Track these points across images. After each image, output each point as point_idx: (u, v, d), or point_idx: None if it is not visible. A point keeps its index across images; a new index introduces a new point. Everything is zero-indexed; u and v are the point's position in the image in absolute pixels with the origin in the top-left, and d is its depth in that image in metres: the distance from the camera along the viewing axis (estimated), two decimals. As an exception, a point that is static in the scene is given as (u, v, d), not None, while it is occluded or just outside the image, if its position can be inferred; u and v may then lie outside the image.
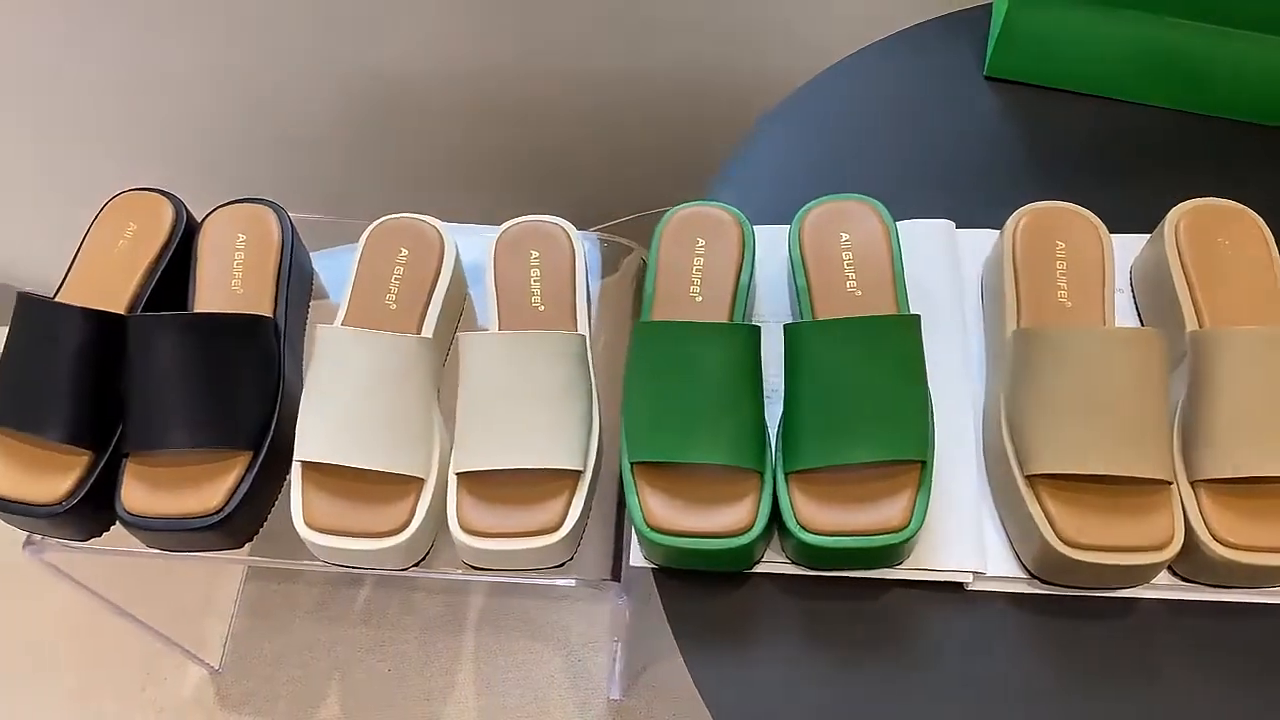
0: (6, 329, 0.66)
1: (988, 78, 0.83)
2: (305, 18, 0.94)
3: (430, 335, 0.70)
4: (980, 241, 0.74)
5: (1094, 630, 0.62)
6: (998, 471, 0.64)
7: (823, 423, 0.61)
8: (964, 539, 0.63)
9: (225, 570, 1.09)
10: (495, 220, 0.79)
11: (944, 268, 0.72)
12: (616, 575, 0.70)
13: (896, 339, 0.62)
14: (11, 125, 1.05)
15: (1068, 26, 0.77)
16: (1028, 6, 0.76)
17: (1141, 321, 0.70)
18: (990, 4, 0.84)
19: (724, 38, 1.00)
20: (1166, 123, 0.79)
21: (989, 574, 0.63)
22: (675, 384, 0.62)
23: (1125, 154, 0.78)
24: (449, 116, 1.06)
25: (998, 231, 0.73)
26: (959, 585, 0.63)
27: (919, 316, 0.62)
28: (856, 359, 0.61)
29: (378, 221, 0.74)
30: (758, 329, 0.63)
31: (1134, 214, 0.72)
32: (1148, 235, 0.71)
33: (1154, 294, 0.68)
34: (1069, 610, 0.62)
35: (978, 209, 0.75)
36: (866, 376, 0.61)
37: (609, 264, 0.84)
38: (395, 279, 0.71)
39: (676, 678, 1.06)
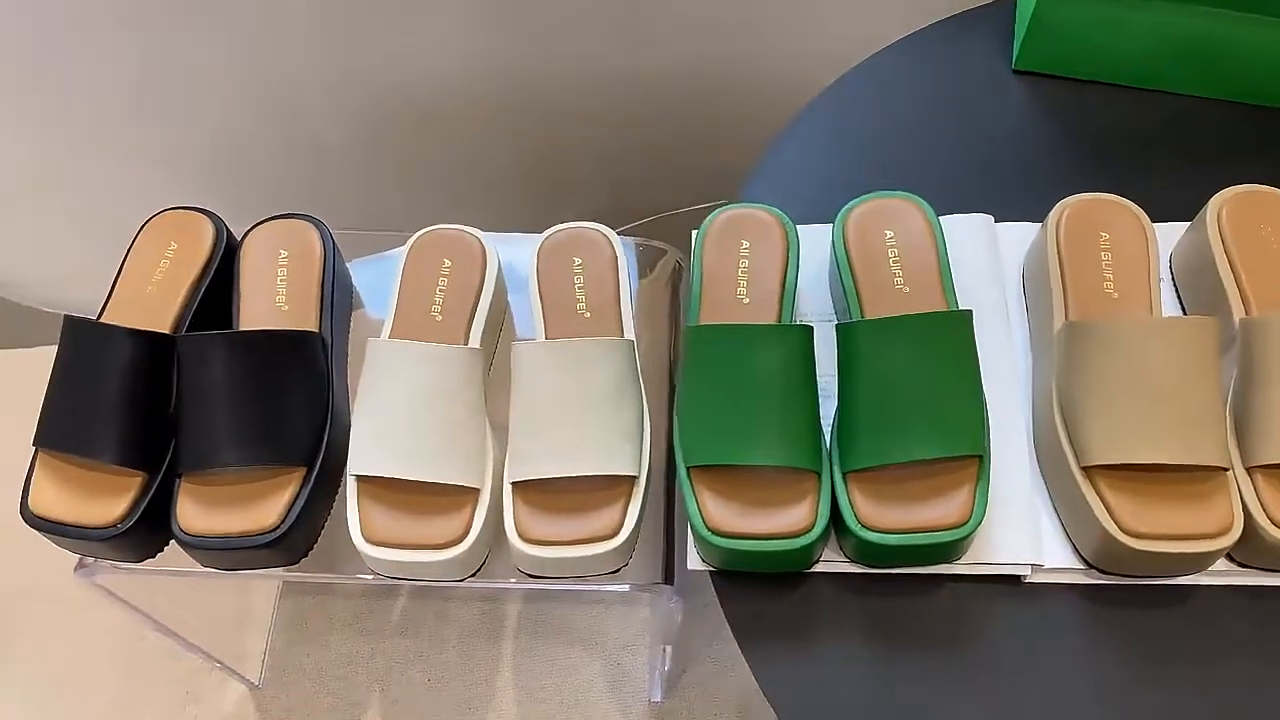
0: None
1: (1016, 71, 0.83)
2: (326, 28, 0.94)
3: (478, 345, 0.70)
4: (1018, 235, 0.74)
5: (1153, 619, 0.62)
6: (1052, 464, 0.64)
7: (880, 421, 0.61)
8: (1020, 532, 0.64)
9: (261, 585, 1.09)
10: (513, 226, 0.79)
11: (984, 262, 0.72)
12: (669, 578, 0.70)
13: (951, 335, 0.62)
14: (35, 144, 1.04)
15: (1097, 18, 0.77)
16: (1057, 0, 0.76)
17: (1184, 309, 0.71)
18: (1011, -2, 0.85)
19: (740, 38, 1.00)
20: (1198, 110, 0.80)
21: (1046, 566, 0.63)
22: (731, 387, 0.62)
23: (1158, 143, 0.79)
24: (461, 124, 1.06)
25: (1036, 224, 0.74)
26: (1016, 578, 0.64)
27: (971, 311, 0.63)
28: (912, 356, 0.61)
29: (420, 233, 0.74)
30: (811, 329, 0.63)
31: (1170, 203, 0.72)
32: (1185, 224, 0.71)
33: (1197, 282, 0.69)
34: (1127, 599, 0.63)
35: (1013, 202, 0.76)
36: (922, 373, 0.61)
37: (642, 267, 0.84)
38: (440, 290, 0.71)
39: (715, 678, 1.06)
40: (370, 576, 0.67)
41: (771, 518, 0.61)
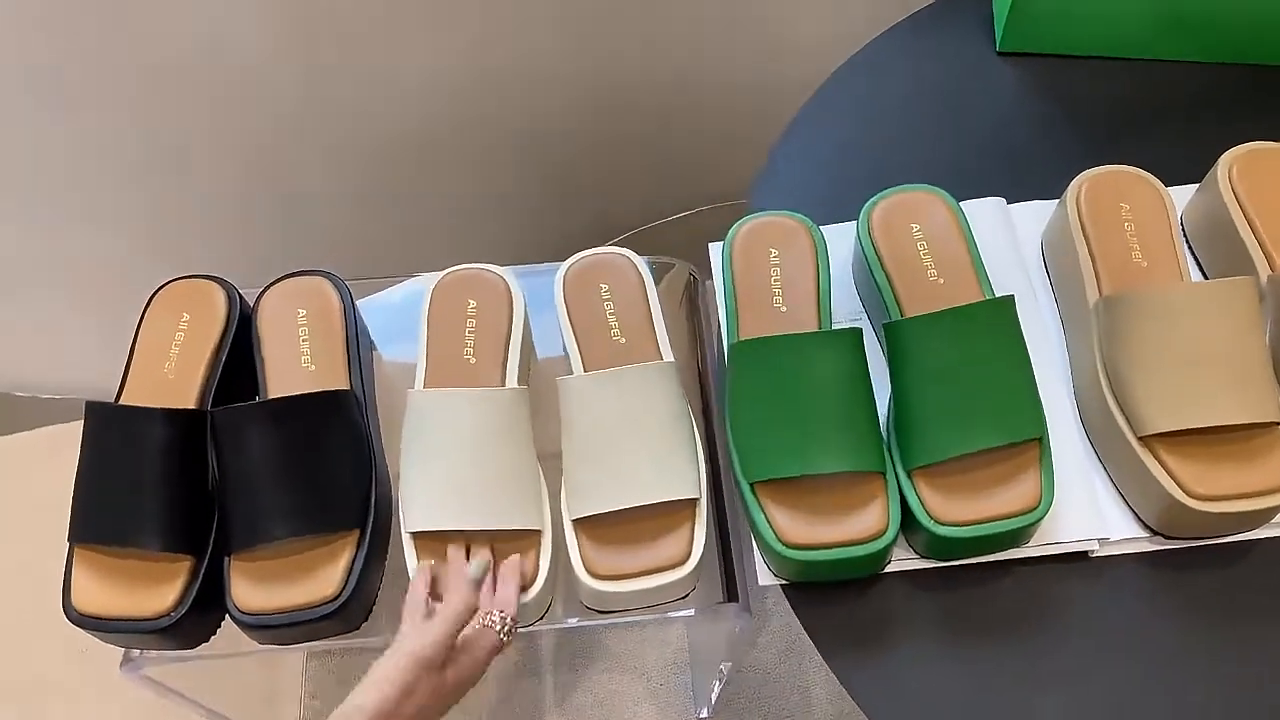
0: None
1: (1000, 53, 0.84)
2: (307, 70, 0.92)
3: (516, 384, 0.68)
4: (1031, 214, 0.75)
5: (1220, 577, 0.63)
6: (1105, 437, 0.65)
7: (941, 415, 0.61)
8: (1081, 508, 0.64)
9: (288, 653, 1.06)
10: (501, 252, 0.78)
11: (1003, 245, 0.72)
12: (733, 595, 0.70)
13: (998, 322, 0.62)
14: (15, 223, 1.00)
15: (1078, -7, 0.78)
16: (1039, -22, 0.78)
17: (1203, 271, 0.72)
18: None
19: (711, 52, 1.00)
20: (1185, 75, 0.81)
21: (1112, 539, 0.64)
22: (786, 397, 0.62)
23: (1148, 112, 0.80)
24: (444, 153, 1.04)
25: (1049, 202, 0.75)
26: (1082, 555, 0.64)
27: (1013, 296, 0.63)
28: (964, 347, 0.61)
29: (440, 276, 0.72)
30: (860, 331, 0.63)
31: (1169, 168, 0.73)
32: (1191, 187, 0.73)
33: (1214, 242, 0.70)
34: (1191, 561, 0.64)
35: (1017, 183, 0.76)
36: (977, 362, 0.61)
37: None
38: (469, 332, 0.70)
39: (754, 689, 1.06)
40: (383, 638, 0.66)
41: (844, 525, 0.61)
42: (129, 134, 0.93)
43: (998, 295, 0.66)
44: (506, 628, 0.59)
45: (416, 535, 0.63)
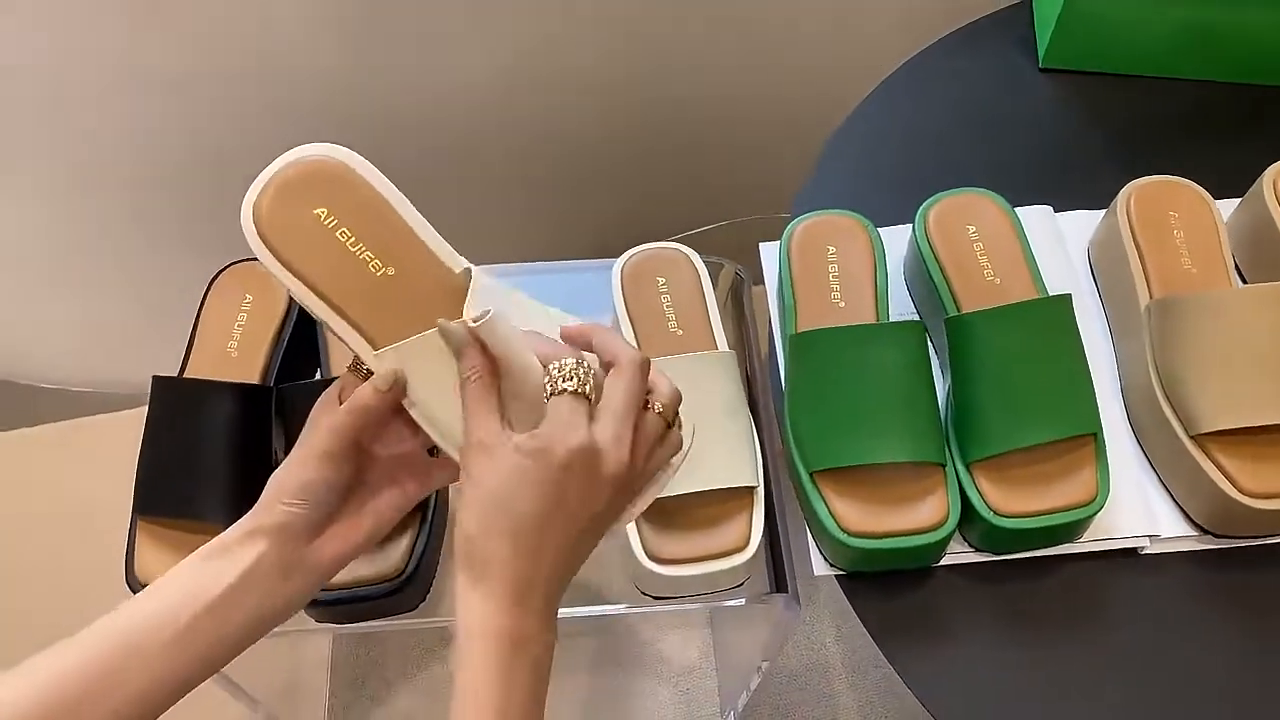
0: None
1: (1042, 69, 0.86)
2: (338, 55, 0.93)
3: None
4: (1076, 223, 0.77)
5: (1272, 575, 0.64)
6: (1157, 436, 0.66)
7: (1000, 408, 0.62)
8: (1132, 506, 0.65)
9: (313, 639, 1.06)
10: (529, 254, 0.79)
11: (1051, 251, 0.74)
12: (781, 586, 0.70)
13: (1057, 319, 0.64)
14: (43, 216, 1.01)
15: (1123, 13, 0.80)
16: (1085, -1, 0.80)
17: (1243, 277, 0.74)
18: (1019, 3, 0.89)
19: (751, 67, 1.02)
20: (1226, 95, 0.83)
21: (1163, 536, 0.65)
22: (848, 388, 0.63)
23: (1190, 128, 0.82)
24: (475, 155, 1.05)
25: (1095, 212, 0.77)
26: (1132, 551, 0.65)
27: (1070, 295, 0.65)
28: (1024, 343, 0.63)
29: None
30: (924, 324, 0.64)
31: (1210, 183, 0.75)
32: (1233, 200, 0.75)
33: (1259, 253, 0.72)
34: (1241, 560, 0.65)
35: (1061, 194, 0.78)
36: (1036, 358, 0.63)
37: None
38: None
39: (779, 698, 1.06)
40: (407, 622, 0.66)
41: (905, 514, 0.62)
42: (172, 133, 0.94)
43: (1052, 295, 0.67)
44: (576, 377, 0.46)
45: None
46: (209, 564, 0.46)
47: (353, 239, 0.48)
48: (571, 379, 0.46)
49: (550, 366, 0.46)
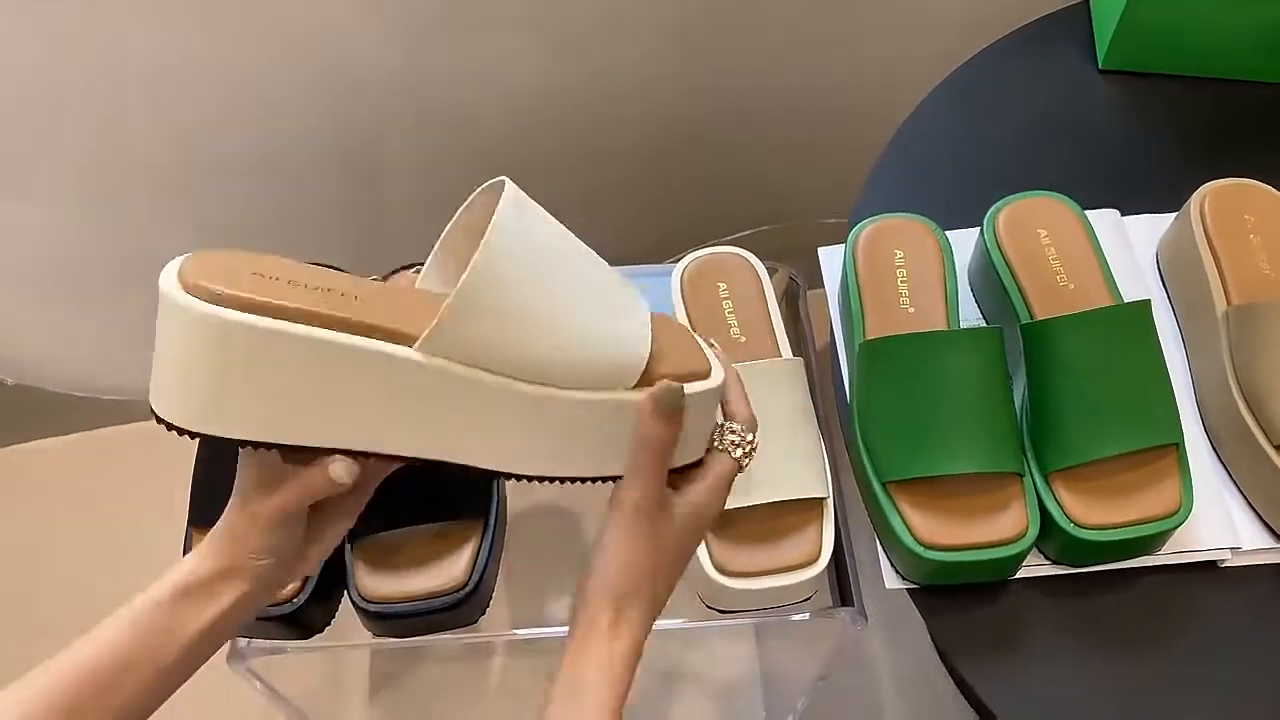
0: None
1: (1102, 71, 0.85)
2: (383, 53, 0.92)
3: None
4: (1143, 226, 0.75)
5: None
6: (1237, 446, 0.64)
7: (1080, 417, 0.60)
8: (1212, 517, 0.63)
9: (352, 654, 1.04)
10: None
11: (1120, 255, 0.72)
12: (847, 599, 0.69)
13: (1136, 326, 0.62)
14: (65, 223, 1.00)
15: (1186, 15, 0.79)
16: (1146, 0, 0.78)
17: (1317, 285, 0.72)
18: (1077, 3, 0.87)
19: (800, 65, 1.01)
20: (1288, 96, 0.82)
21: (1245, 548, 0.63)
22: (923, 396, 0.61)
23: (1253, 130, 0.81)
24: (515, 160, 1.04)
25: (1160, 215, 0.75)
26: (1211, 564, 0.64)
27: (1149, 301, 0.63)
28: (1104, 350, 0.61)
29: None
30: (1002, 331, 0.62)
31: (1277, 185, 0.73)
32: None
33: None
34: (1327, 572, 0.63)
35: (1124, 197, 0.76)
36: (1117, 366, 0.61)
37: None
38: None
39: (822, 696, 1.04)
40: (540, 630, 0.65)
41: (983, 526, 0.60)
42: (206, 135, 0.93)
43: (1128, 301, 0.65)
44: (746, 447, 0.49)
45: None
46: (188, 602, 0.45)
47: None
48: (739, 449, 0.49)
49: (728, 425, 0.49)
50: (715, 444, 0.48)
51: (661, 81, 0.99)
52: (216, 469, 0.62)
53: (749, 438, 0.49)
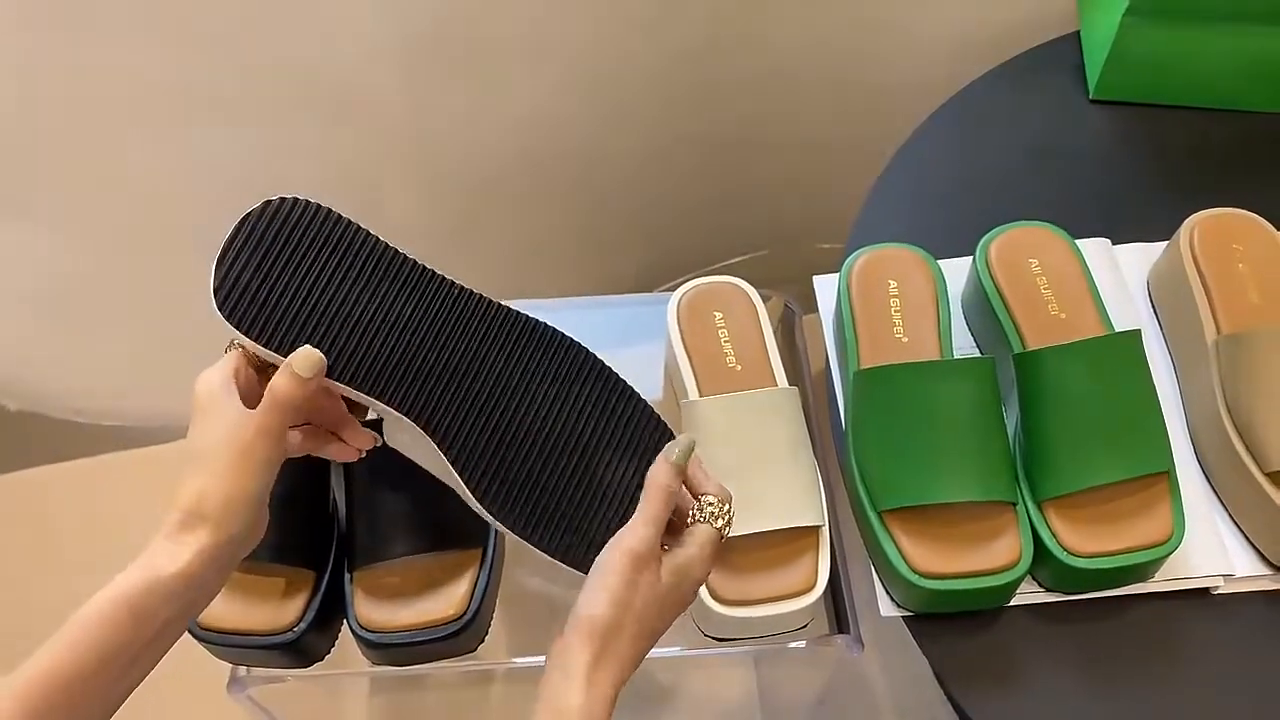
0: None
1: (1093, 101, 0.86)
2: (402, 101, 0.93)
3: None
4: (1134, 255, 0.76)
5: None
6: (1228, 474, 0.65)
7: (1073, 446, 0.61)
8: (1204, 545, 0.64)
9: (351, 685, 1.04)
10: (564, 288, 0.78)
11: (1111, 284, 0.73)
12: (843, 627, 0.69)
13: (1127, 355, 0.63)
14: (73, 249, 1.01)
15: (1175, 46, 0.80)
16: (1137, 29, 0.79)
17: (1306, 313, 0.73)
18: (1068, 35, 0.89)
19: (793, 96, 1.02)
20: (1278, 126, 0.83)
21: (1237, 575, 0.64)
22: (917, 425, 0.62)
23: (1244, 160, 0.82)
24: (514, 189, 1.05)
25: (1151, 244, 0.76)
26: (1204, 591, 0.64)
27: (1140, 330, 0.64)
28: (1096, 379, 0.62)
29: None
30: (994, 361, 0.63)
31: (1267, 214, 0.74)
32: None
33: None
34: (1319, 599, 0.64)
35: (1114, 226, 0.77)
36: (1108, 395, 0.62)
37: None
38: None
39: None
40: (538, 658, 0.65)
41: (977, 554, 0.60)
42: (219, 166, 0.94)
43: (1118, 330, 0.66)
44: (725, 517, 0.53)
45: None
46: (178, 594, 0.46)
47: None
48: (721, 518, 0.53)
49: (705, 498, 0.53)
50: (696, 516, 0.53)
51: (657, 111, 1.00)
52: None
53: (725, 508, 0.53)
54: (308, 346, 0.49)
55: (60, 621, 0.46)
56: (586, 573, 0.50)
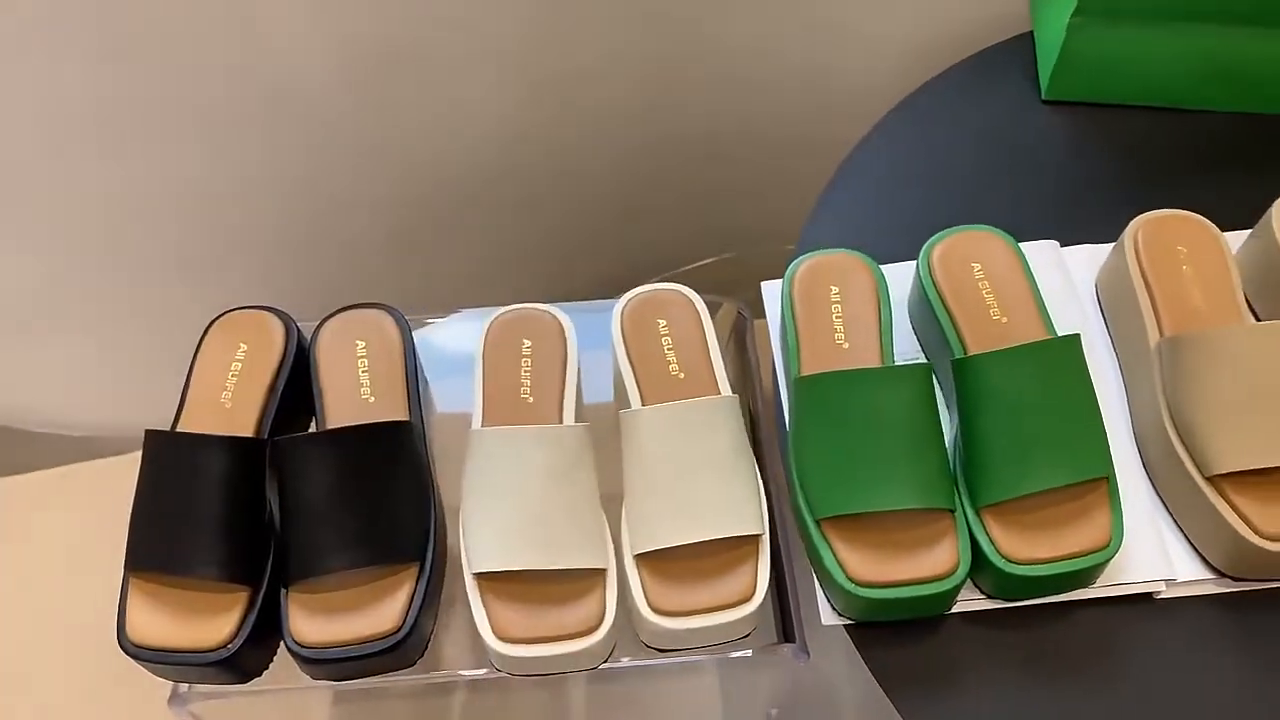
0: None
1: (1045, 101, 0.85)
2: (345, 103, 0.93)
3: (574, 422, 0.68)
4: (1083, 257, 0.76)
5: (1290, 619, 0.63)
6: (1170, 477, 0.64)
7: (1010, 452, 0.61)
8: (1147, 549, 0.64)
9: (315, 695, 1.04)
10: (529, 294, 0.78)
11: (1058, 287, 0.73)
12: (789, 636, 0.69)
13: (1066, 360, 0.62)
14: (44, 259, 1.00)
15: (1125, 46, 0.80)
16: (1086, 30, 0.79)
17: (1256, 315, 0.72)
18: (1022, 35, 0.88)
19: (755, 99, 1.02)
20: (1230, 125, 0.82)
21: (1179, 580, 0.63)
22: (854, 433, 0.61)
23: (1196, 159, 0.81)
24: (480, 196, 1.05)
25: (1099, 246, 0.75)
26: (1148, 596, 0.64)
27: (1079, 335, 0.63)
28: (1034, 384, 0.61)
29: (493, 316, 0.72)
30: (932, 367, 0.63)
31: (1217, 215, 0.73)
32: (1241, 233, 0.73)
33: (1267, 285, 0.70)
34: (1260, 602, 0.63)
35: (1066, 228, 0.77)
36: (1046, 400, 0.61)
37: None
38: (525, 372, 0.70)
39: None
40: (483, 671, 0.65)
41: (915, 562, 0.60)
42: (174, 178, 0.94)
43: (1061, 334, 0.66)
44: None
45: (480, 576, 0.62)
46: None
47: None
48: None
49: None
50: None
51: (615, 113, 1.00)
52: (152, 512, 0.63)
53: None
54: None
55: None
56: None
